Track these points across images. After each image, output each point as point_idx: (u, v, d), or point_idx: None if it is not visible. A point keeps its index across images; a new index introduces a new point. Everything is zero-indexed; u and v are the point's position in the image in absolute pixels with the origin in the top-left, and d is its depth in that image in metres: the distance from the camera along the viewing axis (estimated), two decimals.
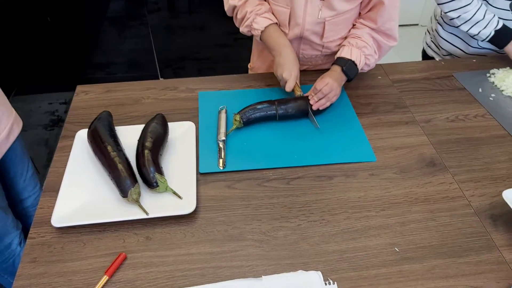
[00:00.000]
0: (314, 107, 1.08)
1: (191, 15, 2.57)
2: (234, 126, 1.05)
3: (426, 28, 1.70)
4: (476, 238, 0.85)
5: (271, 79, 1.24)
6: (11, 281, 1.22)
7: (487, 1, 1.33)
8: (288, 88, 1.10)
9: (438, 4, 1.36)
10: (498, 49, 1.39)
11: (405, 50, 3.06)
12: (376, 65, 1.32)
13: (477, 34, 1.33)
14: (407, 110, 1.16)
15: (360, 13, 1.18)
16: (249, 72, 1.49)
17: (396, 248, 0.82)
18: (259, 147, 1.03)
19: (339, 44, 1.20)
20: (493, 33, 1.31)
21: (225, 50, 2.69)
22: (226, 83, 1.25)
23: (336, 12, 1.11)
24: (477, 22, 1.31)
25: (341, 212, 0.89)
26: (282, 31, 1.18)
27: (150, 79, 1.28)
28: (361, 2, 1.14)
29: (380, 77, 1.28)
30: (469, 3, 1.29)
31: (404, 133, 1.09)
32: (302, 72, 1.22)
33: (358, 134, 1.07)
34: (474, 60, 1.38)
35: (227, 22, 2.55)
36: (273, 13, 1.17)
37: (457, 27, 1.37)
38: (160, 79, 2.67)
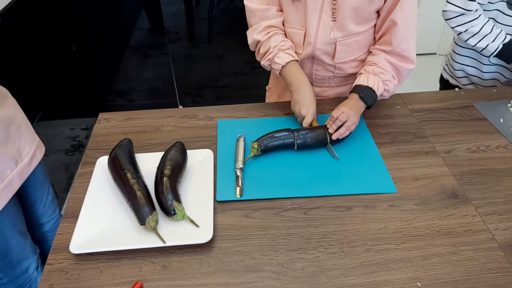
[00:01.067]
0: (334, 137, 1.08)
1: (211, 45, 2.63)
2: (252, 154, 1.06)
3: (443, 57, 1.72)
4: (501, 274, 0.82)
5: (289, 108, 1.25)
6: None
7: (494, 19, 1.34)
8: (306, 124, 1.12)
9: (445, 19, 1.38)
10: (507, 65, 1.39)
11: (423, 79, 3.06)
12: (395, 94, 1.32)
13: (485, 48, 1.34)
14: (427, 140, 1.14)
15: (375, 38, 1.19)
16: (267, 93, 1.51)
17: (418, 283, 0.80)
18: (277, 175, 1.03)
19: (353, 66, 1.21)
20: (501, 46, 1.31)
21: (243, 78, 2.73)
22: (244, 112, 1.26)
23: (348, 33, 1.13)
24: (485, 36, 1.33)
25: (361, 244, 0.87)
26: (296, 51, 1.20)
27: (170, 107, 1.30)
28: (375, 25, 1.15)
29: (398, 107, 1.27)
30: (476, 18, 1.32)
31: (425, 163, 1.07)
32: (319, 101, 1.23)
33: (378, 164, 1.06)
34: (495, 90, 1.36)
35: (245, 51, 2.59)
36: (287, 37, 1.20)
37: (465, 41, 1.39)
38: (180, 106, 2.72)
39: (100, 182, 1.00)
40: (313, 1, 1.11)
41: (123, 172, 0.95)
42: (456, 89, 1.47)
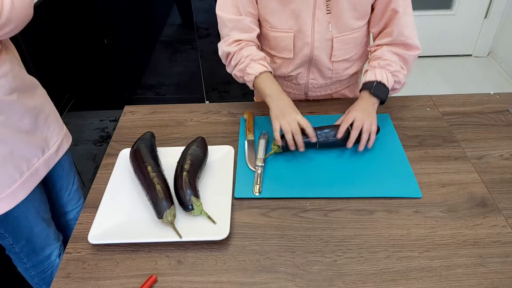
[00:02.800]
0: (360, 149, 1.04)
1: None
2: (273, 151, 1.04)
3: (480, 59, 1.64)
4: None
5: (314, 106, 1.22)
6: None
7: None
8: (312, 135, 1.01)
9: None
10: None
11: (457, 81, 2.96)
12: (425, 96, 1.27)
13: None
14: (457, 144, 1.10)
15: (368, 34, 1.16)
16: None
17: None
18: (298, 175, 1.01)
19: (347, 67, 1.19)
20: None
21: None
22: (267, 109, 1.24)
23: (345, 29, 1.10)
24: None
25: (381, 250, 0.84)
26: (285, 56, 1.16)
27: (196, 101, 1.30)
28: (371, 19, 1.13)
29: (428, 109, 1.23)
30: None
31: (453, 169, 1.02)
32: (324, 102, 1.23)
33: (404, 167, 1.02)
34: None
35: None
36: (268, 64, 1.12)
37: None
38: (206, 101, 2.73)
39: (121, 174, 1.01)
40: (305, 0, 1.06)
41: (144, 165, 0.95)
42: (491, 92, 1.41)
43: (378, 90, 1.07)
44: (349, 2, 1.06)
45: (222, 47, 1.14)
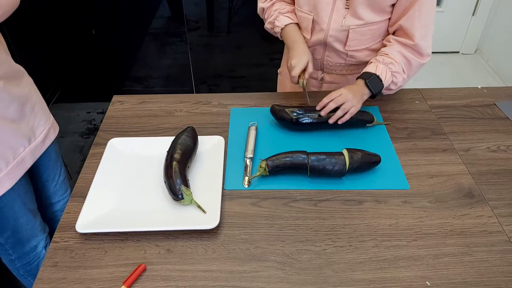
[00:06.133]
0: (330, 121, 1.06)
1: (229, 34, 2.61)
2: (258, 173, 0.96)
3: (467, 56, 1.65)
4: None
5: (303, 98, 1.22)
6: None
7: None
8: (294, 73, 1.10)
9: None
10: None
11: (445, 78, 2.99)
12: (414, 89, 1.28)
13: None
14: (445, 137, 1.11)
15: (388, 31, 1.17)
16: (279, 77, 1.49)
17: (427, 282, 0.77)
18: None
19: (365, 55, 1.19)
20: None
21: (260, 69, 2.70)
22: (258, 100, 1.24)
23: (362, 22, 1.12)
24: None
25: (370, 240, 0.85)
26: (304, 36, 1.21)
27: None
28: (389, 19, 1.13)
29: (417, 102, 1.24)
30: None
31: (441, 161, 1.04)
32: (319, 92, 1.23)
33: (392, 159, 1.03)
34: None
35: (264, 42, 2.56)
36: (296, 16, 1.21)
37: None
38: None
39: (110, 163, 1.00)
40: None
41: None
42: (479, 86, 1.42)
43: (373, 82, 1.08)
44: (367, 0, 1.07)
45: (259, 4, 1.28)
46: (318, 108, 1.06)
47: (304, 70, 1.13)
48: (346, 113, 1.05)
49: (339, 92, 1.06)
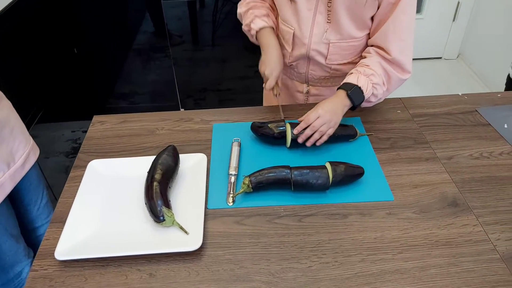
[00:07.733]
0: (308, 144, 1.04)
1: (214, 48, 2.61)
2: (242, 190, 0.95)
3: (449, 61, 1.67)
4: (502, 287, 0.78)
5: (289, 112, 1.22)
6: None
7: None
8: (268, 86, 1.14)
9: None
10: None
11: (429, 84, 3.02)
12: (396, 98, 1.29)
13: None
14: (427, 146, 1.11)
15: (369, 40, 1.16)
16: (264, 91, 1.48)
17: None
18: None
19: (350, 68, 1.18)
20: None
21: (246, 82, 2.71)
22: (241, 115, 1.23)
23: (344, 36, 1.12)
24: None
25: (356, 254, 0.84)
26: (285, 49, 1.23)
27: (171, 109, 1.28)
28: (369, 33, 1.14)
29: (399, 111, 1.24)
30: None
31: (425, 170, 1.03)
32: (304, 105, 1.24)
33: (375, 171, 1.03)
34: (499, 95, 1.32)
35: (249, 55, 2.56)
36: (271, 21, 1.22)
37: None
38: (181, 109, 2.71)
39: (90, 186, 0.98)
40: (307, 2, 1.09)
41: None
42: (459, 93, 1.44)
43: (355, 94, 1.06)
44: (346, 8, 1.07)
45: (238, 9, 1.29)
46: (295, 132, 1.04)
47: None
48: (323, 134, 1.03)
49: (317, 113, 1.02)
